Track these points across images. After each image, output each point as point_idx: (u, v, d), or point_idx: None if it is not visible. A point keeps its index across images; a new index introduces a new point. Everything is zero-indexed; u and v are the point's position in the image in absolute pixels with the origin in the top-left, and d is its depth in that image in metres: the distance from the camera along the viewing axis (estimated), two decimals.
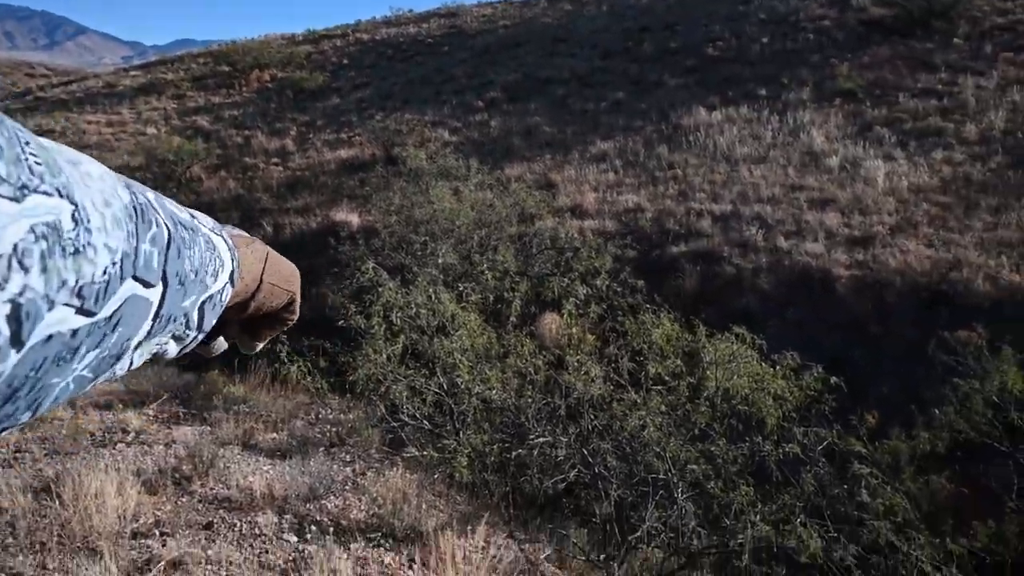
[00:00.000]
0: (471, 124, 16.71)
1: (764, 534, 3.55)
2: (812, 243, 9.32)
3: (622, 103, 16.53)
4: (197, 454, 3.60)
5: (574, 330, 5.48)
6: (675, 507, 4.21)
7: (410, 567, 3.06)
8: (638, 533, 4.26)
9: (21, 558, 2.45)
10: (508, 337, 5.98)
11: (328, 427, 4.71)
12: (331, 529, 3.13)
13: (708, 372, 5.46)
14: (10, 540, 2.58)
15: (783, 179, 11.75)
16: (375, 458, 4.69)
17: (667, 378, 5.26)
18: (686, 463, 4.33)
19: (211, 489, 3.32)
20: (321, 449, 4.40)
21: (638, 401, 4.62)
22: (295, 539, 3.00)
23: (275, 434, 4.44)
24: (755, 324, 6.14)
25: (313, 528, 3.01)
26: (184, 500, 3.16)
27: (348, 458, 4.48)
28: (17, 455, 3.43)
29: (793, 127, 13.42)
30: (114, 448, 3.71)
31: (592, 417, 4.96)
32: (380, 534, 3.21)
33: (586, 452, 4.61)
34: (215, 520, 3.02)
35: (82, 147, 17.49)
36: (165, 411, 4.49)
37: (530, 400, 5.25)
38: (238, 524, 3.03)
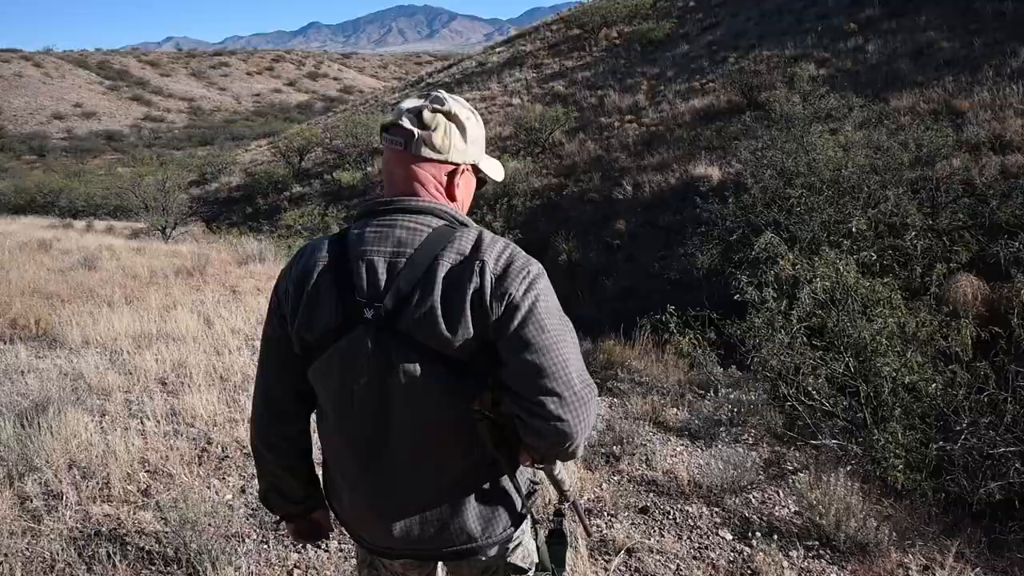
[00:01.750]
0: (841, 52, 14.64)
1: None
2: None
3: None
4: (617, 430, 3.76)
5: None
6: None
7: None
8: None
9: None
10: (923, 309, 5.08)
11: (726, 405, 4.55)
12: (766, 530, 2.97)
13: None
14: None
15: None
16: (775, 441, 4.41)
17: None
18: None
19: (636, 470, 3.42)
20: (722, 429, 4.27)
21: None
22: (730, 536, 2.91)
23: (676, 410, 4.44)
24: None
25: (757, 534, 2.88)
26: (615, 479, 3.31)
27: (751, 441, 4.27)
28: None
29: None
30: None
31: None
32: (817, 542, 2.94)
33: None
34: (648, 504, 3.08)
35: None
36: None
37: (960, 388, 4.38)
38: (671, 512, 3.05)
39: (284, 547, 2.60)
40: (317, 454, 1.41)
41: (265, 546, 2.61)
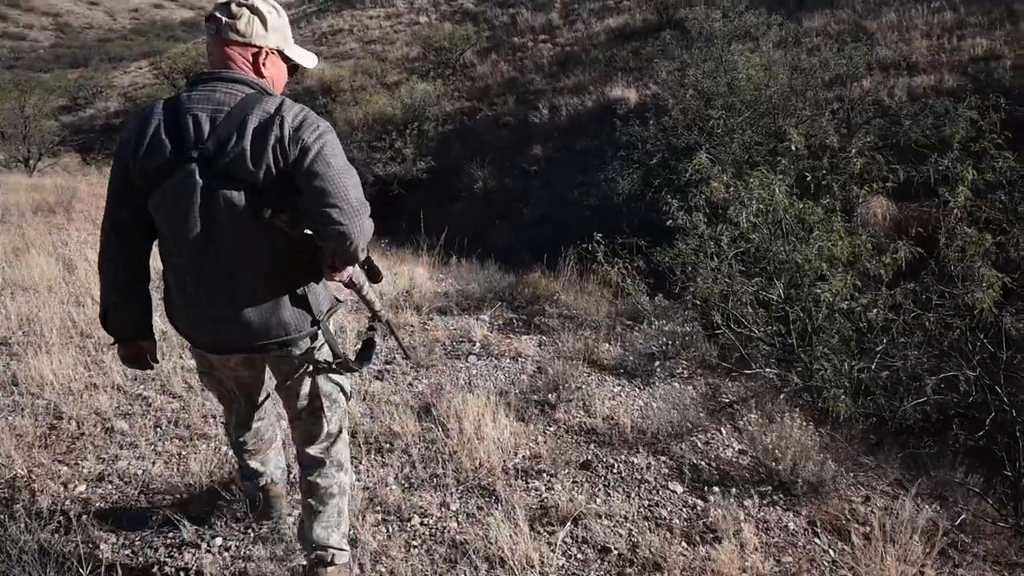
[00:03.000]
0: None
1: None
2: None
3: None
4: (549, 372, 3.39)
5: (969, 229, 4.24)
6: None
7: (815, 534, 2.53)
8: None
9: (427, 496, 2.39)
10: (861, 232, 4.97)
11: (660, 337, 4.28)
12: (717, 478, 2.71)
13: None
14: (410, 471, 2.56)
15: None
16: (709, 373, 4.21)
17: None
18: None
19: (574, 418, 3.08)
20: (657, 364, 4.01)
21: None
22: (681, 489, 2.63)
23: (608, 345, 4.13)
24: None
25: (715, 489, 2.61)
26: (552, 431, 2.96)
27: (685, 374, 4.04)
28: (387, 367, 3.53)
29: None
30: (466, 360, 3.67)
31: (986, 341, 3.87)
32: (770, 487, 2.72)
33: (999, 388, 3.61)
34: (591, 458, 2.76)
35: (367, 42, 18.65)
36: (499, 317, 4.41)
37: (888, 312, 4.30)
38: (615, 464, 2.74)
39: (153, 550, 2.09)
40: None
41: (128, 552, 2.09)
